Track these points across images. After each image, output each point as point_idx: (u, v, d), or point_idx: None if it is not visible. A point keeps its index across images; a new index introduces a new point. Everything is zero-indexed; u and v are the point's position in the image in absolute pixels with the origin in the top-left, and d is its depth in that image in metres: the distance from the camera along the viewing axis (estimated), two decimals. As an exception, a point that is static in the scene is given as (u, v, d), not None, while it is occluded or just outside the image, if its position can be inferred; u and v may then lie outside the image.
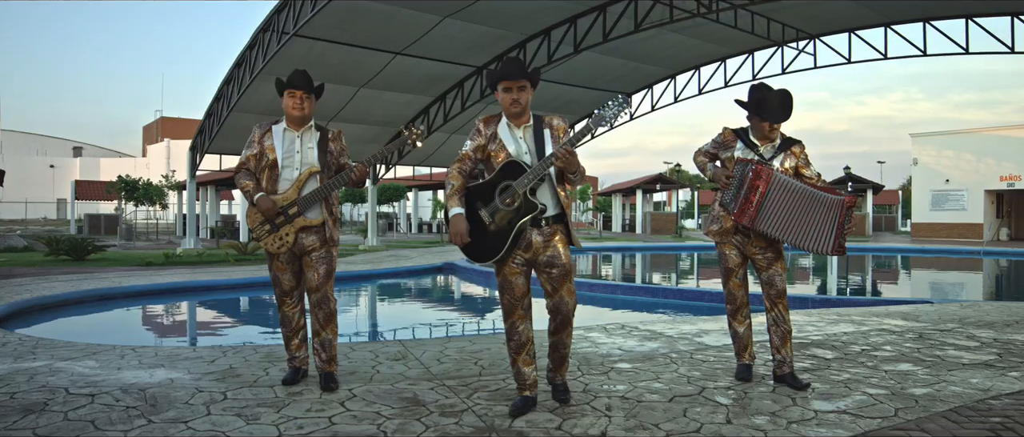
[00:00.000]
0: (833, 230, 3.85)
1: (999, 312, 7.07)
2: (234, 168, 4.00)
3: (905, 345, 5.26)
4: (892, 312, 7.08)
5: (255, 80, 15.52)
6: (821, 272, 16.80)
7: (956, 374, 4.35)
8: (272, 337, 7.45)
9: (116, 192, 30.96)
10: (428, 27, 15.64)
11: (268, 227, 3.84)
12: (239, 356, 4.72)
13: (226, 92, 17.07)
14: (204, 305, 10.26)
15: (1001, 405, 3.73)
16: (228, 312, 10.00)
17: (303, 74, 3.96)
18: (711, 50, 19.36)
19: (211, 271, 12.71)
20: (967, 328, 6.03)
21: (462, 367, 4.49)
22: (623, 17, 15.16)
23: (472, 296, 12.05)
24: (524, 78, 3.42)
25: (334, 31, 14.74)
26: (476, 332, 8.38)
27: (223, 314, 9.89)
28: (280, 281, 3.96)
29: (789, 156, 4.14)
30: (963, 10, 14.64)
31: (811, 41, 17.64)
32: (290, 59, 15.43)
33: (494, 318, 9.74)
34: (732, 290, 4.23)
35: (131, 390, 3.78)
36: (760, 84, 4.13)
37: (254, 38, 15.27)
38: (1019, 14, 13.73)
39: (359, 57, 16.40)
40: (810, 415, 3.51)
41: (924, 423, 3.41)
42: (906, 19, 15.78)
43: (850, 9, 15.38)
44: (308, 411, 3.45)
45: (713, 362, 4.68)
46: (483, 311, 10.53)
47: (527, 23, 16.63)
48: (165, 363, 4.49)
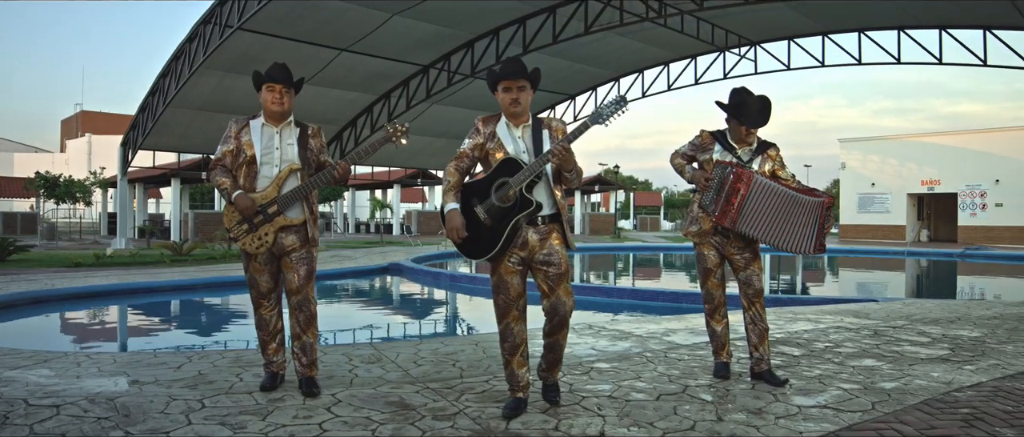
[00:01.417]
0: (814, 231, 3.97)
1: (940, 309, 7.44)
2: (210, 164, 3.82)
3: (864, 342, 5.46)
4: (843, 310, 7.35)
5: (195, 74, 14.93)
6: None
7: (918, 368, 4.54)
8: (235, 341, 7.21)
9: (34, 189, 29.25)
10: (376, 24, 15.41)
11: (246, 226, 3.68)
12: (206, 361, 4.52)
13: (162, 86, 16.39)
14: (150, 308, 9.81)
15: (966, 397, 3.91)
16: (177, 315, 9.58)
17: (283, 67, 3.82)
18: (655, 54, 19.74)
19: (149, 272, 12.16)
20: (916, 325, 6.31)
21: (441, 369, 4.42)
22: (573, 19, 15.29)
23: (424, 297, 11.91)
24: (524, 78, 3.42)
25: (279, 25, 14.35)
26: (446, 333, 8.29)
27: (172, 318, 9.47)
28: (257, 283, 3.80)
29: (766, 159, 4.25)
30: (896, 22, 15.38)
31: (752, 47, 18.20)
32: (232, 53, 14.94)
33: (460, 318, 9.66)
34: (710, 290, 4.30)
35: (98, 400, 3.55)
36: (741, 88, 4.21)
37: (194, 30, 14.70)
38: (947, 28, 14.53)
39: (304, 53, 16.01)
40: (794, 410, 3.59)
41: (901, 416, 3.54)
42: (843, 29, 16.47)
43: (790, 18, 15.95)
44: (295, 418, 3.32)
45: (688, 361, 4.75)
46: (439, 311, 10.42)
47: (477, 22, 16.59)
48: (127, 370, 4.25)
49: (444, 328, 8.82)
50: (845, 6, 14.57)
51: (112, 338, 7.71)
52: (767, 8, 15.02)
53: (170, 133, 18.17)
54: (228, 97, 17.36)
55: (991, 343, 5.45)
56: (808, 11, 15.41)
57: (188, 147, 20.04)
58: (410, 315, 10.02)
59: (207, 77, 15.93)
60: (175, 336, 7.83)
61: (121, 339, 7.57)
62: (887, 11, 14.57)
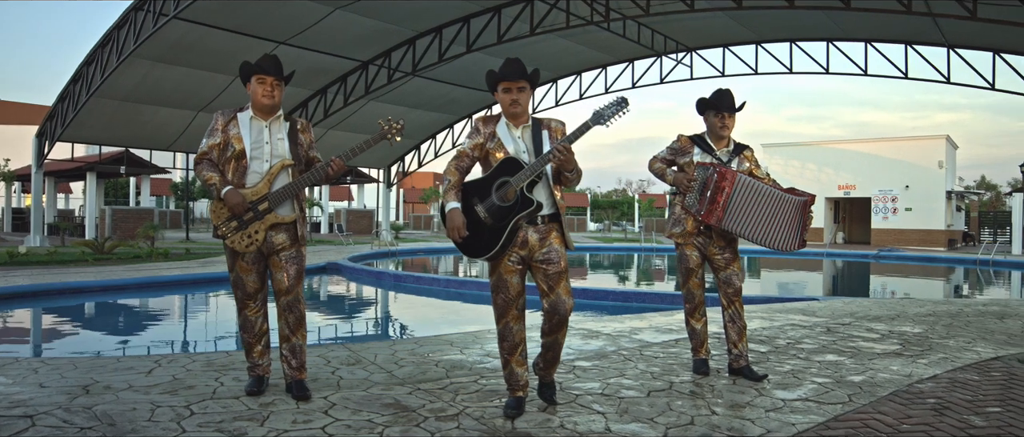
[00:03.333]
0: (797, 228, 4.15)
1: (879, 307, 7.88)
2: (195, 158, 3.64)
3: (821, 338, 5.73)
4: (790, 308, 7.68)
5: (123, 63, 14.17)
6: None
7: (878, 363, 4.80)
8: (202, 343, 6.94)
9: (-71, 182, 27.11)
10: (317, 17, 15.05)
11: (235, 223, 3.53)
12: (176, 365, 4.31)
13: (86, 74, 15.48)
14: (87, 310, 9.27)
15: (928, 388, 4.16)
16: (119, 317, 9.08)
17: (274, 59, 3.69)
18: (595, 57, 20.06)
19: (74, 272, 11.47)
20: (862, 322, 6.66)
21: (425, 370, 4.37)
22: (518, 20, 15.36)
23: (371, 297, 11.72)
24: (524, 79, 3.42)
25: (217, 15, 13.80)
26: (413, 335, 8.17)
27: (114, 319, 8.96)
28: (244, 283, 3.65)
29: (743, 160, 4.42)
30: (825, 34, 16.18)
31: (689, 54, 18.75)
32: (163, 42, 14.28)
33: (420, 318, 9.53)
34: (692, 289, 4.42)
35: (73, 408, 3.34)
36: (717, 89, 4.42)
37: (125, 17, 13.95)
38: (873, 41, 15.40)
39: (239, 44, 15.47)
40: (780, 404, 3.74)
41: (878, 406, 3.74)
42: (775, 39, 17.19)
43: (727, 26, 16.52)
44: (294, 423, 3.21)
45: (664, 358, 4.86)
46: (397, 311, 10.26)
47: (420, 20, 16.44)
48: (93, 376, 4.00)
49: (405, 328, 8.70)
50: (778, 17, 15.21)
51: (49, 340, 7.24)
52: (705, 16, 15.52)
53: (92, 124, 17.18)
54: (156, 88, 16.58)
55: (934, 338, 5.81)
56: (743, 21, 16.01)
57: (111, 139, 19.00)
58: (364, 316, 9.83)
59: (136, 67, 15.15)
60: (128, 338, 7.42)
61: (70, 343, 7.11)
62: (818, 24, 15.32)
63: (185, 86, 16.94)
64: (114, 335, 7.67)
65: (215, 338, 7.59)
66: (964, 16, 10.64)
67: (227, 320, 9.19)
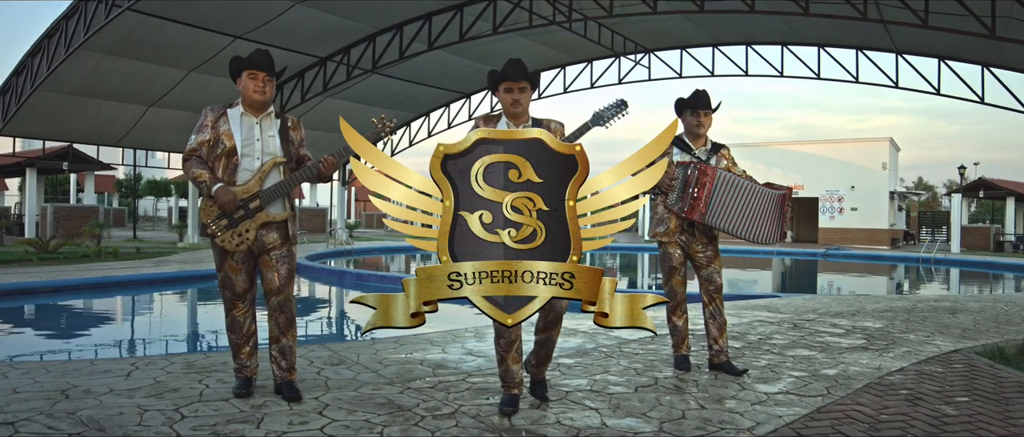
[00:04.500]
0: (778, 221, 4.29)
1: (838, 303, 8.16)
2: (184, 155, 3.55)
3: (789, 334, 5.91)
4: (755, 305, 7.88)
5: (73, 54, 13.64)
6: (630, 270, 18.24)
7: (848, 356, 4.98)
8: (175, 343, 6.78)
9: None
10: (276, 12, 14.74)
11: (226, 222, 3.46)
12: (155, 368, 4.19)
13: (31, 65, 14.85)
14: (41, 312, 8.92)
15: (898, 380, 4.34)
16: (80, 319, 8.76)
17: (265, 54, 3.63)
18: (554, 56, 20.17)
19: (19, 272, 11.00)
20: (825, 318, 6.89)
21: (411, 369, 4.35)
22: (480, 19, 15.34)
23: (335, 296, 11.57)
24: (525, 79, 3.44)
25: (173, 8, 13.41)
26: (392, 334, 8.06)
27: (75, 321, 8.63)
28: (233, 283, 3.58)
29: (720, 159, 4.54)
30: (780, 38, 16.64)
31: (647, 55, 19.02)
32: (116, 34, 13.80)
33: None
34: (674, 287, 4.51)
35: (56, 414, 3.22)
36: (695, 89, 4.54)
37: (74, 7, 13.43)
38: (825, 46, 15.92)
39: (195, 38, 15.06)
40: (763, 397, 3.85)
41: (856, 398, 3.88)
42: (731, 42, 17.59)
43: (684, 29, 16.83)
44: (291, 424, 3.17)
45: (644, 354, 4.95)
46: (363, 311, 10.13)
47: (380, 16, 16.27)
48: (69, 380, 3.86)
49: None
50: (734, 20, 15.57)
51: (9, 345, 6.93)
52: (663, 18, 15.77)
53: (36, 118, 16.47)
54: (106, 81, 16.01)
55: (895, 333, 6.05)
56: (701, 23, 16.33)
57: (56, 134, 18.24)
58: (334, 315, 9.70)
59: (84, 58, 14.60)
60: (96, 341, 7.14)
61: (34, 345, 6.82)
62: (773, 28, 15.75)
63: (136, 80, 16.40)
64: (78, 338, 7.38)
65: (189, 338, 7.41)
66: (915, 24, 11.09)
67: (196, 320, 8.96)
